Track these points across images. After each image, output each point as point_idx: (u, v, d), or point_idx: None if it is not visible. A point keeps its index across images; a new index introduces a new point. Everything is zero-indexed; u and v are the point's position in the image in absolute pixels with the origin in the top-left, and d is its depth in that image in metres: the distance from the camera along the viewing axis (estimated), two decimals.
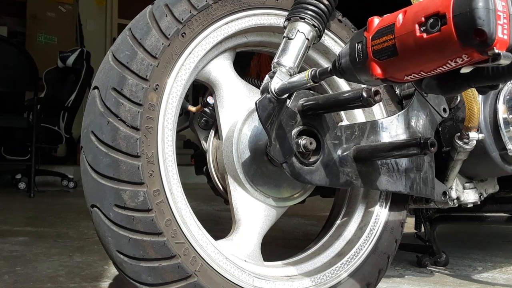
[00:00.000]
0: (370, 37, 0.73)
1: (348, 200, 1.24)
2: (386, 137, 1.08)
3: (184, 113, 1.37)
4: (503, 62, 0.59)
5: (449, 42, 0.60)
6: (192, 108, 1.35)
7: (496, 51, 0.57)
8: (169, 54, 0.91)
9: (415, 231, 1.76)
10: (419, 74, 0.69)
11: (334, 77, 1.19)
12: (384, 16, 0.73)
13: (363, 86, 0.82)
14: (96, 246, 1.83)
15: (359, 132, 1.04)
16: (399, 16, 0.68)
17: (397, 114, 1.11)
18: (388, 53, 0.69)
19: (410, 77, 0.71)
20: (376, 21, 0.74)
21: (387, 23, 0.70)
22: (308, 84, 0.87)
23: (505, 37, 0.58)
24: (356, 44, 0.75)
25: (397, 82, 0.75)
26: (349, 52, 0.77)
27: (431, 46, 0.63)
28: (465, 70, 0.64)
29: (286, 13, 1.02)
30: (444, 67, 0.64)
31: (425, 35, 0.63)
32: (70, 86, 4.81)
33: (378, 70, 0.72)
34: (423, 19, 0.63)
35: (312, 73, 0.85)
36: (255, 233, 1.05)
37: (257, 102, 0.89)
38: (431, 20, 0.62)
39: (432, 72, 0.67)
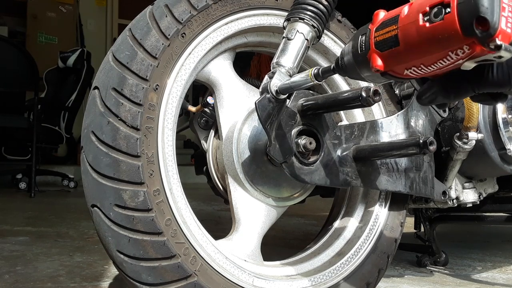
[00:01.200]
0: (374, 28, 0.72)
1: (348, 200, 1.24)
2: (385, 137, 1.08)
3: (184, 113, 1.37)
4: (504, 54, 0.57)
5: (451, 30, 0.59)
6: (192, 108, 1.35)
7: (498, 42, 0.56)
8: (169, 54, 0.92)
9: (415, 230, 1.76)
10: (419, 68, 0.67)
11: (334, 77, 1.21)
12: (391, 11, 0.72)
13: (362, 86, 0.82)
14: (96, 246, 1.83)
15: (359, 132, 1.04)
16: (405, 8, 0.67)
17: (396, 114, 1.12)
18: (390, 44, 0.68)
19: (410, 72, 0.69)
20: (381, 14, 0.73)
21: (392, 15, 0.69)
22: (312, 83, 0.86)
23: (509, 30, 0.57)
24: (360, 36, 0.74)
25: (397, 77, 0.73)
26: (352, 45, 0.76)
27: (433, 36, 0.61)
28: (466, 66, 0.62)
29: (285, 14, 1.02)
30: (445, 60, 0.63)
31: (427, 24, 0.62)
32: (71, 86, 4.82)
33: (378, 62, 0.70)
34: (427, 8, 0.63)
35: (315, 71, 0.85)
36: (255, 233, 1.05)
37: (256, 102, 0.89)
38: (435, 9, 0.61)
39: (432, 66, 0.65)
